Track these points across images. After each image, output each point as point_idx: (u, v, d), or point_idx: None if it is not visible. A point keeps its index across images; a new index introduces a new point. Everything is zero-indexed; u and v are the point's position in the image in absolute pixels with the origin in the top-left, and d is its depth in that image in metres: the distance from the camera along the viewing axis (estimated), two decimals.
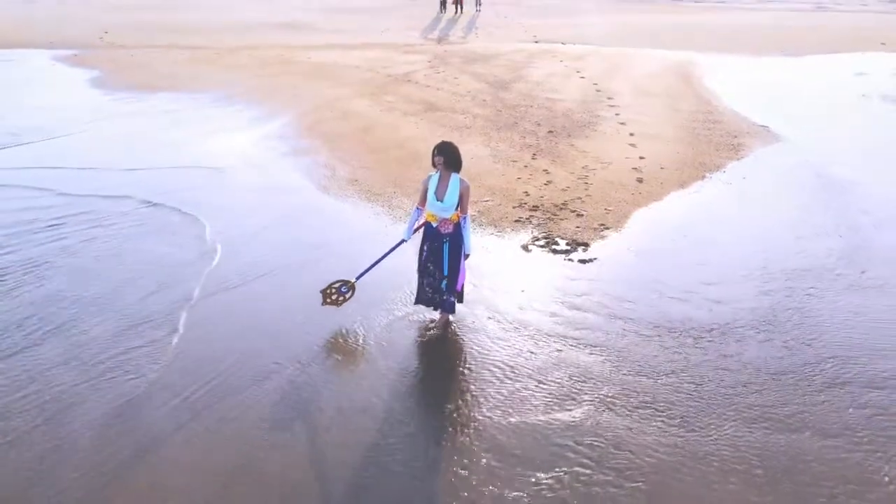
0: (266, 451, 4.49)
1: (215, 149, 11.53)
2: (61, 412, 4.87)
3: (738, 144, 11.84)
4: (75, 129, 12.90)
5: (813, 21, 33.24)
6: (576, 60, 21.31)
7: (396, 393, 5.14)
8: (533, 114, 13.98)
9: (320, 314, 6.08)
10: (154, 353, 5.56)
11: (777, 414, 4.84)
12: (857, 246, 7.69)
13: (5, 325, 5.99)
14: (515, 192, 9.41)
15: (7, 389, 5.11)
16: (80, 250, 7.56)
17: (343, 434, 4.68)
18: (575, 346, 5.67)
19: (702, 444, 4.54)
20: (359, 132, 12.69)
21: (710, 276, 6.91)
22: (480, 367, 5.44)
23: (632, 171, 10.26)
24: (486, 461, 4.42)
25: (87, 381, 5.20)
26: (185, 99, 15.73)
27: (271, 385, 5.17)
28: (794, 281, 6.80)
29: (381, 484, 4.24)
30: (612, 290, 6.59)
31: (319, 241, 7.90)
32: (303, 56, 22.04)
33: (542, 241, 7.82)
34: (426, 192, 5.72)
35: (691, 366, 5.38)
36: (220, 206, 8.92)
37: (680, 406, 4.91)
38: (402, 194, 9.33)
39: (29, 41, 26.48)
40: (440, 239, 5.79)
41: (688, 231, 8.13)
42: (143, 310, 6.27)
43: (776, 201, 9.15)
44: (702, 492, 4.17)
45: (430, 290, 5.95)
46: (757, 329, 5.91)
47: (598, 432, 4.66)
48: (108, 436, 4.63)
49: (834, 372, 5.31)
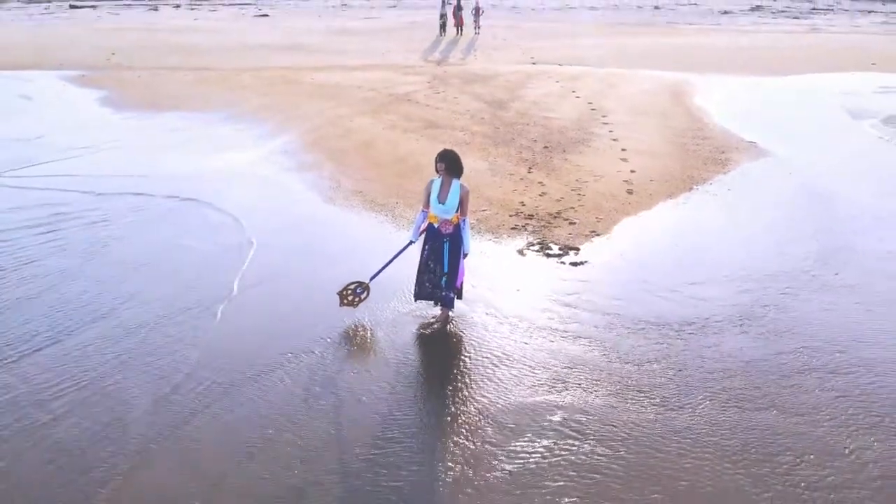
0: (284, 428, 4.94)
1: (225, 163, 12.03)
2: (111, 389, 5.35)
3: (725, 159, 12.37)
4: (92, 145, 13.40)
5: (806, 42, 34.00)
6: (572, 81, 21.92)
7: (402, 378, 5.60)
8: (529, 131, 14.53)
9: (336, 307, 6.54)
10: (192, 340, 6.07)
11: (749, 396, 5.29)
12: (833, 250, 8.18)
13: (61, 311, 6.50)
14: (512, 203, 9.91)
15: (56, 371, 5.57)
16: (129, 242, 8.12)
17: (354, 413, 5.13)
18: (565, 339, 6.14)
19: (679, 420, 5.00)
20: (361, 148, 13.21)
21: (693, 277, 7.40)
22: (479, 355, 5.90)
23: (623, 183, 10.77)
24: (484, 433, 4.87)
25: (136, 360, 5.71)
26: (192, 118, 16.27)
27: (290, 372, 5.63)
28: (771, 281, 7.28)
29: (389, 453, 4.68)
30: (601, 290, 7.07)
31: (330, 244, 8.41)
32: (306, 77, 22.63)
33: (537, 246, 8.31)
34: (429, 195, 6.22)
35: (673, 355, 5.84)
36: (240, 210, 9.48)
37: (661, 389, 5.37)
38: (405, 204, 9.82)
39: (38, 63, 27.13)
40: (441, 239, 6.27)
41: (674, 237, 8.62)
42: (186, 299, 6.78)
43: (759, 210, 9.66)
44: (678, 460, 4.61)
45: (430, 286, 6.41)
46: (735, 323, 6.38)
47: (585, 410, 5.12)
48: (150, 409, 5.10)
49: (803, 360, 5.77)
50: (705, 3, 62.98)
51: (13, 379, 5.53)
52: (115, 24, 41.17)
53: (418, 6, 50.77)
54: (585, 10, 49.41)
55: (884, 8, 64.56)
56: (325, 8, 51.55)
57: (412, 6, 51.67)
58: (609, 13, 48.47)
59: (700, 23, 42.33)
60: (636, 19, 43.90)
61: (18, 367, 5.69)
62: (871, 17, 49.22)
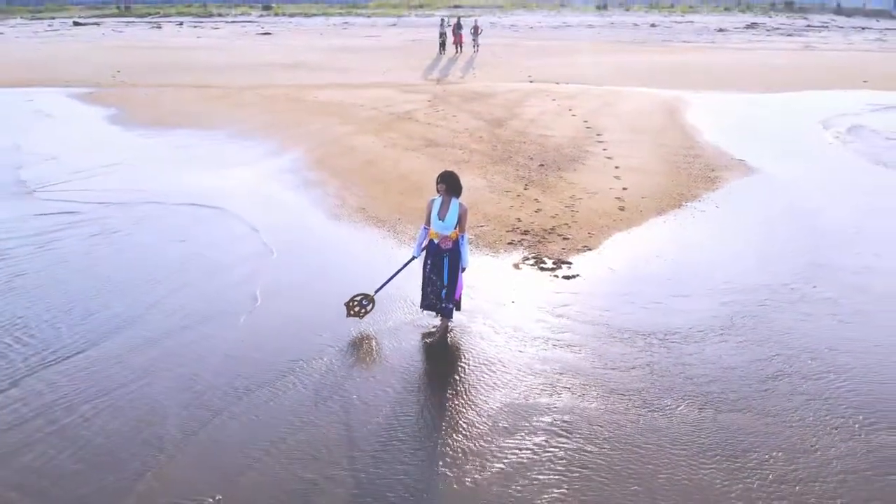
0: (297, 428, 5.38)
1: (234, 179, 12.51)
2: (138, 394, 5.79)
3: (714, 177, 12.85)
4: (108, 164, 13.85)
5: (799, 60, 34.60)
6: (568, 99, 22.46)
7: (405, 383, 6.05)
8: (526, 149, 15.02)
9: (343, 317, 6.99)
10: (214, 344, 6.53)
11: (725, 399, 5.73)
12: (812, 265, 8.64)
13: (87, 321, 6.94)
14: (508, 219, 10.38)
15: (84, 378, 6.02)
16: (154, 252, 8.71)
17: (360, 414, 5.57)
18: (557, 347, 6.58)
19: (659, 421, 5.43)
20: (364, 165, 13.70)
21: (678, 289, 7.85)
22: (476, 363, 6.34)
23: (615, 200, 11.25)
24: (481, 431, 5.31)
25: (162, 367, 6.17)
26: (199, 135, 16.78)
27: (302, 377, 6.07)
28: (752, 294, 7.74)
29: (393, 450, 5.12)
30: (591, 301, 7.52)
31: (337, 258, 8.89)
32: (309, 95, 23.18)
33: (532, 261, 8.76)
34: (430, 213, 6.70)
35: (656, 361, 6.28)
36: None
37: (643, 393, 5.81)
38: (406, 221, 10.28)
39: (46, 80, 27.70)
40: (441, 254, 6.73)
41: (662, 252, 9.08)
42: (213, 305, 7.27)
43: (744, 226, 10.14)
44: (657, 456, 5.05)
45: (433, 296, 6.87)
46: (715, 332, 6.83)
47: (574, 412, 5.55)
48: (175, 412, 5.54)
49: (777, 367, 6.21)
50: (702, 20, 63.92)
51: (43, 386, 5.95)
52: (119, 42, 41.86)
53: (417, 25, 51.59)
54: (583, 28, 50.18)
55: (878, 25, 65.47)
56: (327, 26, 52.33)
57: (412, 25, 52.47)
58: (606, 31, 49.24)
59: (696, 41, 43.02)
60: (632, 37, 44.64)
61: (48, 374, 6.13)
62: (865, 34, 49.98)
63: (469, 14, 66.60)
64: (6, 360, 6.35)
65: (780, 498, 4.67)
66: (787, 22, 63.00)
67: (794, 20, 65.90)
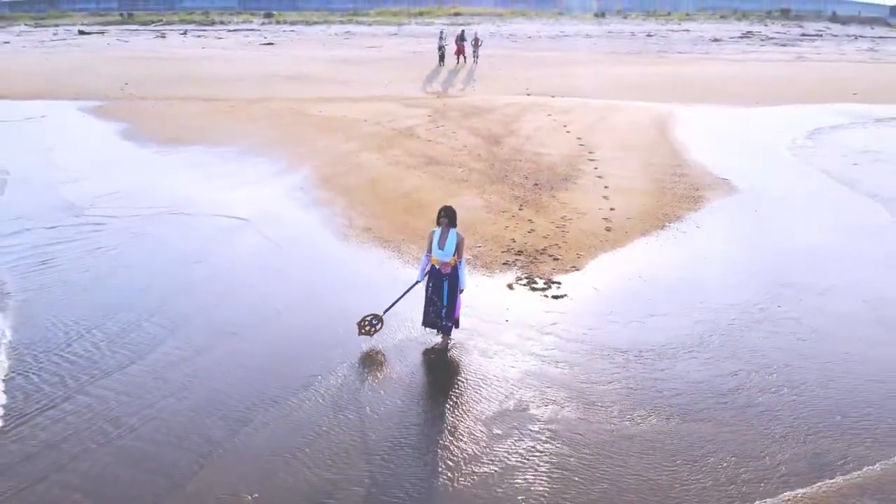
0: (318, 434, 6.22)
1: (250, 199, 13.34)
2: (186, 394, 6.60)
3: (698, 196, 13.69)
4: (135, 180, 14.74)
5: (791, 72, 35.46)
6: (564, 114, 23.31)
7: (410, 394, 6.90)
8: (522, 167, 15.86)
9: (355, 335, 7.82)
10: (240, 360, 7.36)
11: (690, 410, 6.57)
12: (781, 285, 9.48)
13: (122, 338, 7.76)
14: (504, 239, 11.21)
15: (127, 392, 6.84)
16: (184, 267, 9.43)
17: (371, 422, 6.40)
18: (545, 363, 7.42)
19: (631, 429, 6.27)
20: (369, 184, 14.53)
21: (655, 308, 8.69)
22: (473, 376, 7.19)
23: (602, 220, 12.08)
24: (475, 436, 6.15)
25: (205, 372, 6.96)
26: (212, 152, 17.60)
27: (320, 389, 6.92)
28: (722, 313, 8.58)
29: (400, 454, 5.95)
30: (577, 321, 8.36)
31: (347, 277, 9.75)
32: (314, 109, 24.02)
33: (524, 281, 9.60)
34: (431, 242, 7.54)
35: (631, 376, 7.12)
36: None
37: (620, 404, 6.65)
38: (409, 241, 11.11)
39: (54, 92, 28.55)
40: (442, 277, 7.58)
41: (643, 272, 9.93)
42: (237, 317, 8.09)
43: (720, 247, 10.99)
44: (628, 459, 5.88)
45: (434, 315, 7.72)
46: (686, 349, 7.67)
47: (558, 421, 6.39)
48: (210, 421, 6.36)
49: (738, 381, 7.05)
50: (698, 28, 64.81)
51: (93, 399, 6.79)
52: (125, 53, 42.66)
53: (418, 35, 52.44)
54: (581, 39, 51.04)
55: (872, 32, 66.36)
56: (329, 36, 53.18)
57: (412, 34, 53.32)
58: (603, 41, 50.11)
59: (690, 51, 43.92)
60: (629, 48, 45.51)
61: (95, 389, 6.96)
62: (858, 44, 50.88)
63: (469, 22, 67.48)
64: (57, 376, 7.18)
65: (729, 497, 5.50)
66: (781, 30, 63.88)
67: (790, 28, 66.73)
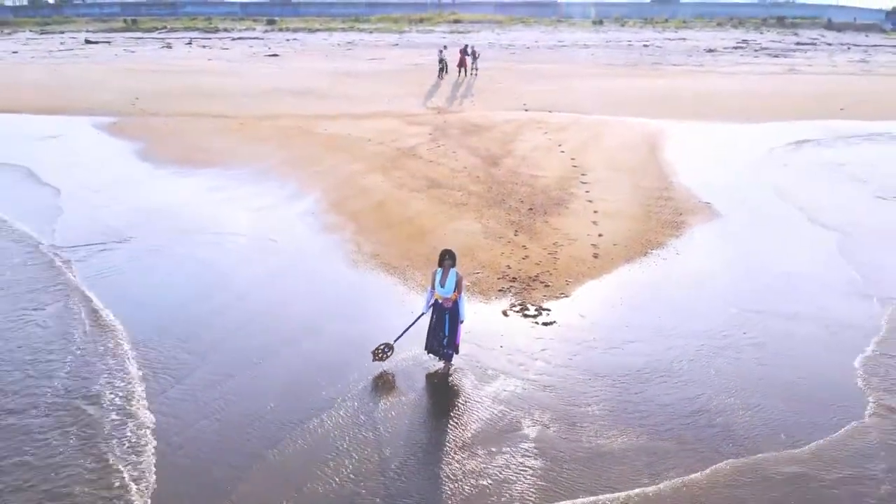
0: (340, 450, 7.30)
1: (266, 224, 14.42)
2: (224, 414, 7.67)
3: (681, 222, 14.74)
4: (164, 205, 15.81)
5: (782, 86, 36.48)
6: (559, 132, 24.38)
7: (416, 413, 8.01)
8: (517, 191, 16.91)
9: (369, 361, 8.89)
10: (269, 384, 8.44)
11: (658, 430, 7.64)
12: (749, 311, 10.55)
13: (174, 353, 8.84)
14: (500, 266, 12.27)
15: (188, 398, 7.91)
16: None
17: (385, 438, 7.48)
18: (533, 386, 8.50)
19: (606, 447, 7.35)
20: (375, 208, 15.59)
21: (634, 335, 9.77)
22: (471, 398, 8.27)
23: (591, 247, 13.14)
24: (473, 452, 7.24)
25: (240, 392, 8.02)
26: (226, 175, 18.63)
27: (343, 407, 8.00)
28: (692, 339, 9.65)
29: (410, 466, 7.03)
30: (563, 347, 9.44)
31: (358, 302, 10.80)
32: (319, 127, 25.09)
33: (518, 307, 10.66)
34: (434, 280, 8.62)
35: (608, 398, 8.20)
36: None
37: (597, 424, 7.73)
38: (413, 267, 12.18)
39: (67, 107, 29.65)
40: (444, 311, 8.66)
41: (624, 299, 11.01)
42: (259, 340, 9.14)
43: (696, 274, 12.05)
44: (602, 473, 6.96)
45: (436, 343, 8.80)
46: (658, 374, 8.75)
47: (542, 439, 7.47)
48: (246, 432, 7.43)
49: (701, 403, 8.13)
50: (694, 36, 65.88)
51: (146, 417, 7.86)
52: (133, 64, 43.68)
53: (418, 45, 53.55)
54: (578, 49, 52.11)
55: (866, 41, 67.38)
56: (332, 46, 54.27)
57: (413, 45, 54.42)
58: (600, 51, 51.19)
59: (685, 63, 44.98)
60: (625, 59, 46.59)
61: (142, 413, 8.04)
62: (850, 55, 51.90)
63: (469, 30, 68.62)
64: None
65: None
66: (776, 38, 64.95)
67: (784, 36, 67.79)
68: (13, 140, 23.45)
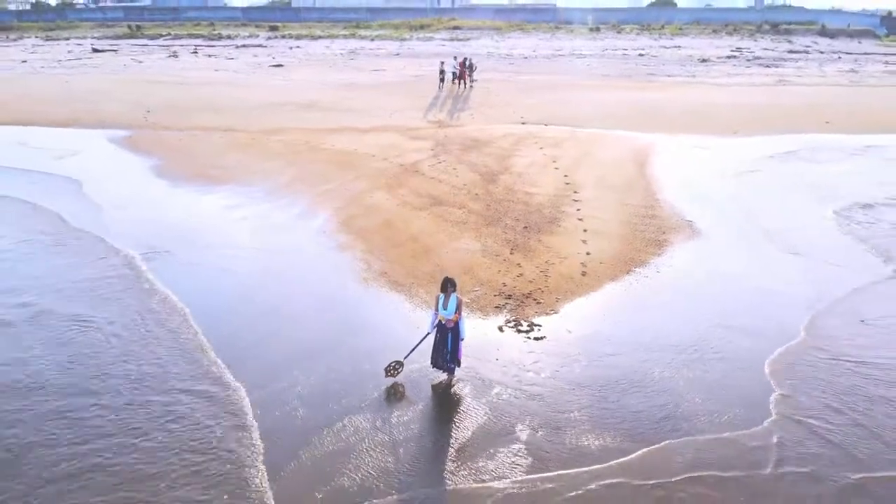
0: (362, 451, 8.60)
1: (282, 242, 15.72)
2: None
3: (663, 240, 16.04)
4: (193, 223, 17.11)
5: (770, 98, 37.75)
6: (554, 147, 25.69)
7: (424, 419, 9.30)
8: (514, 209, 18.19)
9: (382, 377, 10.16)
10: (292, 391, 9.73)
11: (630, 434, 8.94)
12: (719, 327, 11.83)
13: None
14: (496, 283, 13.56)
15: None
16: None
17: (397, 440, 8.78)
18: (525, 396, 9.81)
19: (585, 448, 8.66)
20: (382, 227, 16.86)
21: (614, 349, 11.06)
22: (469, 406, 9.57)
23: (579, 265, 14.42)
24: (473, 453, 8.54)
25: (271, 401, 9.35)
26: (240, 192, 19.88)
27: (363, 415, 9.29)
28: (665, 353, 10.95)
29: (420, 466, 8.33)
30: (552, 360, 10.73)
31: (369, 318, 12.13)
32: (326, 142, 26.37)
33: (512, 323, 11.95)
34: (438, 304, 9.92)
35: (589, 406, 9.51)
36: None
37: (578, 429, 9.03)
38: (418, 284, 13.46)
39: (81, 120, 30.93)
40: (446, 330, 9.95)
41: (607, 314, 12.31)
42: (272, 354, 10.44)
43: (673, 292, 13.34)
44: (581, 472, 8.25)
45: (440, 359, 10.09)
46: (633, 384, 10.05)
47: (532, 443, 8.77)
48: (287, 437, 8.74)
49: (668, 411, 9.42)
50: (689, 44, 67.21)
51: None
52: (141, 75, 44.96)
53: (419, 54, 54.86)
54: (575, 59, 53.43)
55: (859, 48, 68.68)
56: (335, 56, 55.57)
57: (413, 54, 55.73)
58: (596, 61, 52.53)
59: (678, 73, 46.30)
60: (620, 70, 47.91)
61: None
62: (840, 65, 53.21)
63: (468, 37, 69.91)
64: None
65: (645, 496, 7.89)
66: (769, 46, 66.28)
67: (778, 44, 69.12)
68: (35, 155, 24.64)
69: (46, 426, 9.09)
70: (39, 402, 9.60)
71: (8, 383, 10.06)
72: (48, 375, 10.29)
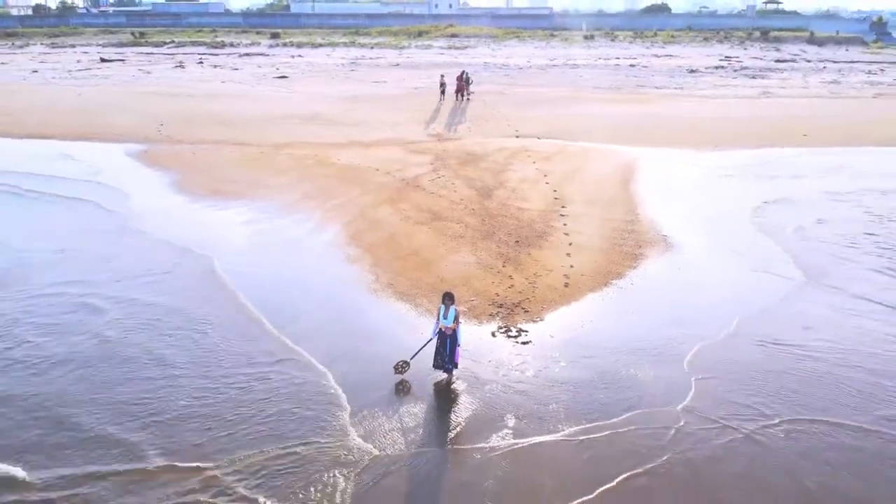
0: (379, 441, 10.45)
1: (300, 256, 17.55)
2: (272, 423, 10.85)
3: (639, 254, 17.90)
4: (220, 240, 18.92)
5: (753, 111, 39.69)
6: (545, 161, 27.55)
7: (428, 412, 11.14)
8: (506, 224, 20.02)
9: (392, 374, 12.00)
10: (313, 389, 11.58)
11: (595, 420, 10.79)
12: (684, 335, 13.67)
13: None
14: (490, 294, 15.41)
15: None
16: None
17: (407, 430, 10.62)
18: (512, 392, 11.65)
19: (560, 433, 10.51)
20: (387, 241, 18.67)
21: (589, 352, 12.91)
22: (466, 400, 11.42)
23: (563, 277, 16.27)
24: (470, 439, 10.39)
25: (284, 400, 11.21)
26: (255, 207, 21.66)
27: (375, 411, 11.12)
28: (632, 355, 12.79)
29: (425, 450, 10.18)
30: (535, 362, 12.58)
31: (379, 325, 13.95)
32: (333, 156, 28.19)
33: (503, 329, 13.80)
34: (439, 314, 11.78)
35: (564, 400, 11.36)
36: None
37: (555, 419, 10.88)
38: (421, 295, 15.29)
39: (97, 133, 32.68)
40: (446, 337, 11.81)
41: (585, 322, 14.16)
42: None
43: (643, 302, 15.17)
44: (557, 452, 10.11)
45: (440, 360, 11.94)
46: (602, 381, 11.91)
47: (518, 429, 10.62)
48: (310, 433, 10.60)
49: (630, 403, 11.27)
50: (680, 52, 69.12)
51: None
52: (151, 87, 46.73)
53: (418, 65, 56.69)
54: (568, 69, 55.30)
55: (845, 55, 70.62)
56: (336, 66, 57.39)
57: (413, 65, 57.56)
58: (587, 71, 54.41)
59: (666, 85, 48.21)
60: (611, 81, 49.83)
61: None
62: (823, 75, 55.17)
63: (465, 44, 71.73)
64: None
65: (600, 473, 9.75)
66: (758, 55, 68.23)
67: (766, 52, 71.05)
68: (70, 167, 26.42)
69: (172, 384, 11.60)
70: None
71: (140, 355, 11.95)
72: (162, 351, 12.81)
